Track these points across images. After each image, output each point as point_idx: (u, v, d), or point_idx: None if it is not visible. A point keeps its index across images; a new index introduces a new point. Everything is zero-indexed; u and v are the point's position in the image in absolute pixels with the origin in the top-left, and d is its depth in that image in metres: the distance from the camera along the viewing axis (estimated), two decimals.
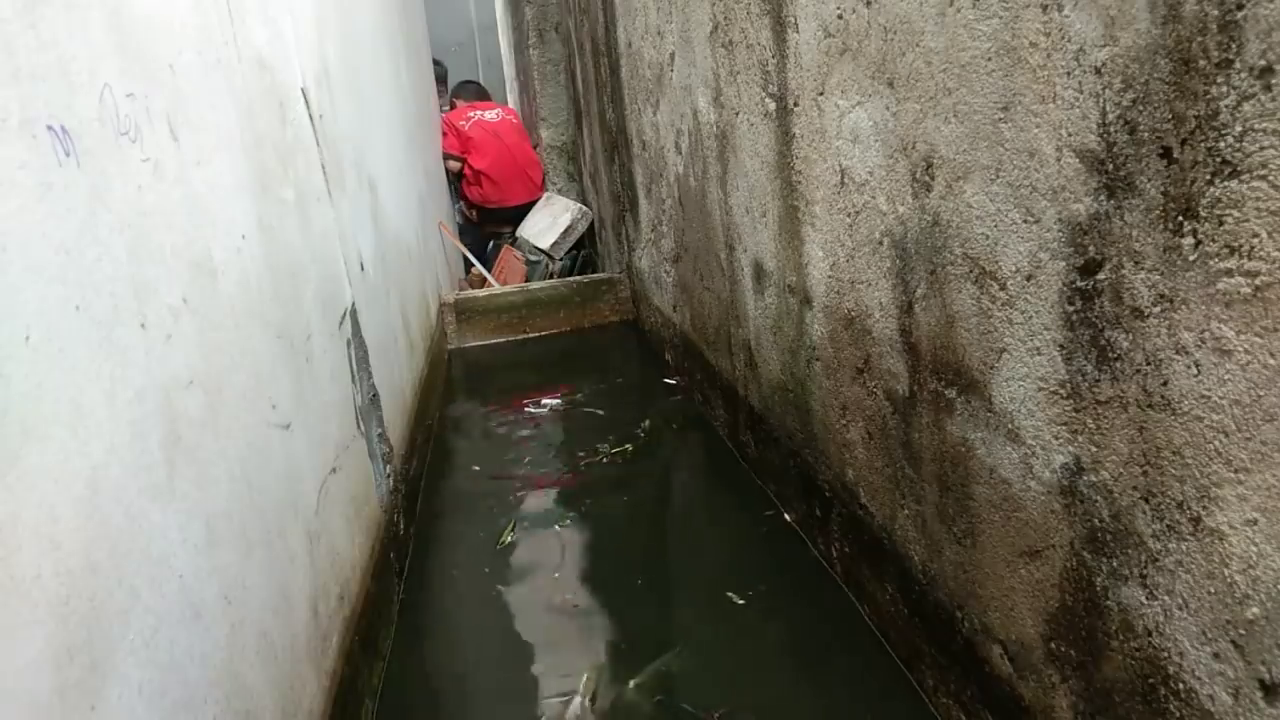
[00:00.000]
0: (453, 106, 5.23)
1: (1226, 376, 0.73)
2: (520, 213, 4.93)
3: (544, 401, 2.90)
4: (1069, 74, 0.86)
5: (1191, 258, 0.75)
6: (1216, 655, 0.79)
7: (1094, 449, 0.92)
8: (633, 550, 2.00)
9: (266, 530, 1.18)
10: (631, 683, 1.53)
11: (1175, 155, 0.75)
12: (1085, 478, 0.94)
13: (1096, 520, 0.93)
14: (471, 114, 5.00)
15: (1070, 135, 0.87)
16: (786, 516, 1.99)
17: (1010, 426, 1.06)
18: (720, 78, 2.01)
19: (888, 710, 1.41)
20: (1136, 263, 0.81)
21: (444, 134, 4.97)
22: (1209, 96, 0.70)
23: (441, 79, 5.38)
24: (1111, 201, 0.83)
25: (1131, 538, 0.88)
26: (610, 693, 1.51)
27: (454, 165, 4.95)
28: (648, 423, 2.69)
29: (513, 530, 2.12)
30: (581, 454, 2.53)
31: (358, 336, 1.87)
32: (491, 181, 4.91)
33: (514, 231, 4.87)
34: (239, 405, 1.13)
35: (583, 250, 4.64)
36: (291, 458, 1.32)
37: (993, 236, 1.03)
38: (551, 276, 4.41)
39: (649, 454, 2.49)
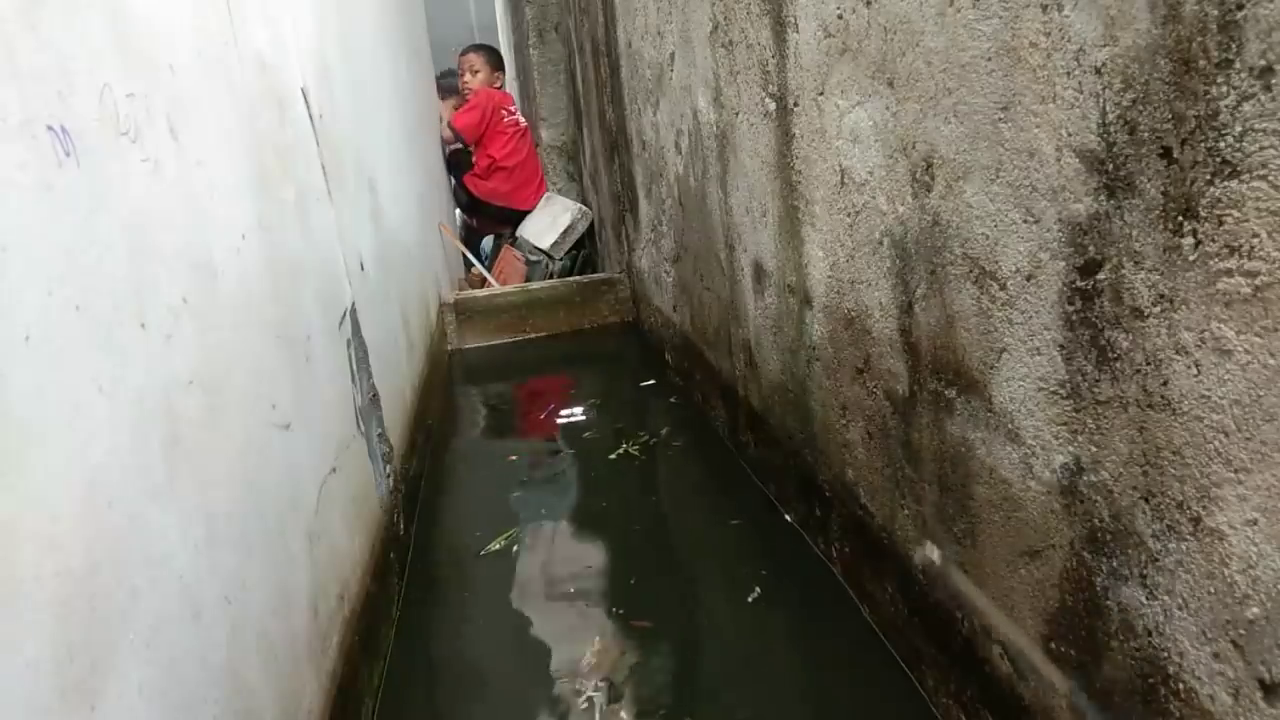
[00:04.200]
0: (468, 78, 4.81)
1: (1226, 376, 0.73)
2: (518, 217, 4.90)
3: (563, 412, 2.88)
4: (1069, 74, 0.86)
5: (1191, 258, 0.75)
6: (1216, 655, 0.79)
7: (1094, 449, 0.92)
8: (633, 550, 2.00)
9: (266, 530, 1.18)
10: (628, 684, 1.53)
11: (1175, 155, 0.75)
12: (1085, 478, 0.94)
13: (1096, 520, 0.93)
14: (513, 108, 4.79)
15: (1070, 135, 0.87)
16: (786, 517, 1.99)
17: (1010, 426, 1.06)
18: (720, 78, 2.01)
19: (888, 710, 1.41)
20: (1136, 263, 0.81)
21: (470, 108, 4.65)
22: (1209, 96, 0.70)
23: (499, 66, 4.96)
24: (1111, 201, 0.83)
25: (1131, 538, 0.88)
26: (608, 694, 1.51)
27: (448, 136, 4.66)
28: (665, 431, 2.68)
29: (512, 531, 2.12)
30: (580, 454, 2.53)
31: (358, 336, 1.87)
32: (510, 179, 4.74)
33: (514, 231, 4.85)
34: (239, 405, 1.13)
35: (583, 250, 4.63)
36: (291, 458, 1.32)
37: (993, 236, 1.03)
38: (551, 276, 4.41)
39: (648, 454, 2.49)
